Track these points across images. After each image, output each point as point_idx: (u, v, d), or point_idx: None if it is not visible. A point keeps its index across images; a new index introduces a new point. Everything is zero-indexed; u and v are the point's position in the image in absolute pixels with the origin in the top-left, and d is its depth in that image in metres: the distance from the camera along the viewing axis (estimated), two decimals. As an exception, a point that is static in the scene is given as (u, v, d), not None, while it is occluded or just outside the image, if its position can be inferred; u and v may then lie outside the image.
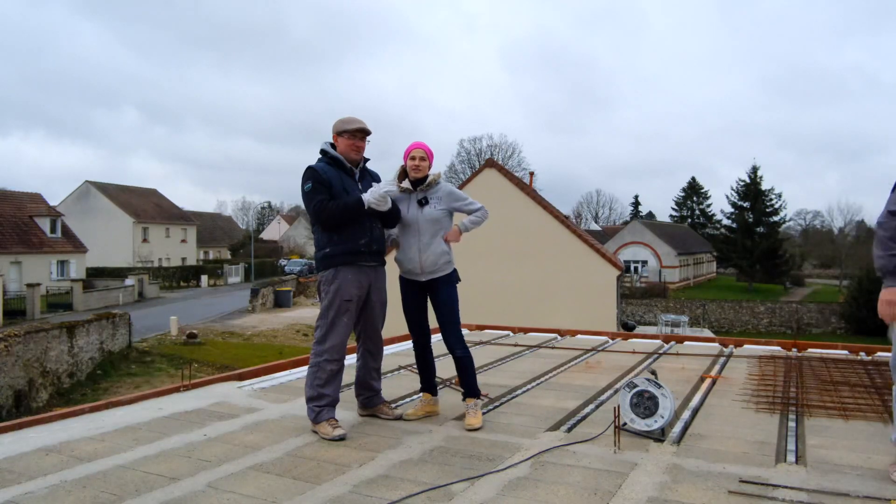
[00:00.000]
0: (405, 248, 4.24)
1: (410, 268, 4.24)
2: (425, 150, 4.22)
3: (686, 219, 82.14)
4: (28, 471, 3.32)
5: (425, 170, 4.21)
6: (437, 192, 4.23)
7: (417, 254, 4.17)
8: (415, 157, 4.18)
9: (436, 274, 4.22)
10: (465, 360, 4.20)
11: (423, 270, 4.20)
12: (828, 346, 7.46)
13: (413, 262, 4.20)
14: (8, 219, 40.26)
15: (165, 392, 5.11)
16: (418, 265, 4.19)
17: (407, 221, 4.22)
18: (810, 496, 2.94)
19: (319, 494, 3.00)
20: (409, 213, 4.21)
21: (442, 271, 4.23)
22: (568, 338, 8.24)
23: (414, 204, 4.21)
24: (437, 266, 4.20)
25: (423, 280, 4.24)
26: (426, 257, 4.17)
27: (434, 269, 4.20)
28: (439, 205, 4.20)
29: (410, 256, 4.21)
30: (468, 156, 62.54)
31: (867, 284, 37.40)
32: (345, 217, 3.99)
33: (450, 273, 4.28)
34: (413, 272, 4.25)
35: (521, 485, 3.11)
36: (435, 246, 4.17)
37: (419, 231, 4.18)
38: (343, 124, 4.15)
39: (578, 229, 23.56)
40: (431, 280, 4.23)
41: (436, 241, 4.18)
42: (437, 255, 4.18)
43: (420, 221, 4.18)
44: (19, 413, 17.02)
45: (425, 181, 4.20)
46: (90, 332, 22.08)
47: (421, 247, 4.17)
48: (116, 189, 59.83)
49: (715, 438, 3.84)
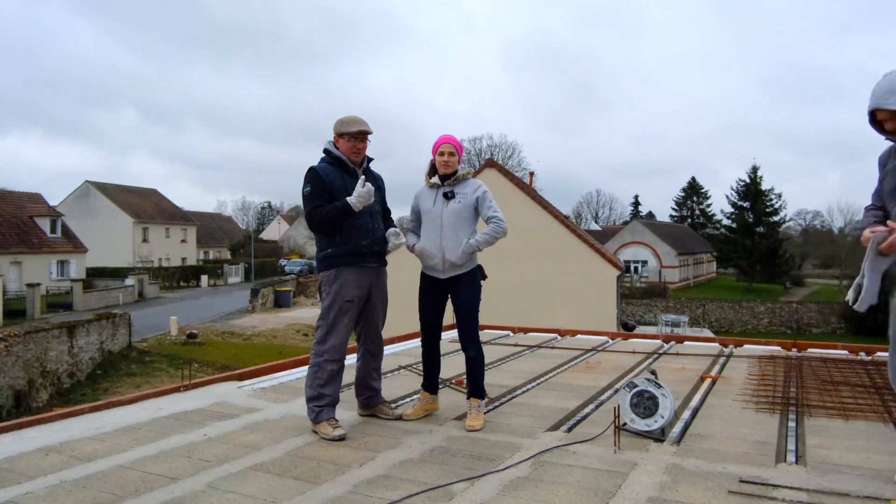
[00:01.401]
0: (428, 243, 4.18)
1: (433, 263, 4.19)
2: (454, 145, 4.18)
3: (686, 219, 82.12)
4: (28, 471, 3.32)
5: (454, 165, 4.17)
6: (465, 186, 4.20)
7: (441, 249, 4.13)
8: (443, 152, 4.15)
9: (458, 270, 4.17)
10: (477, 361, 4.20)
11: (446, 266, 4.15)
12: (828, 346, 7.46)
13: (435, 257, 4.16)
14: (8, 219, 40.24)
15: (165, 392, 5.11)
16: (440, 261, 4.15)
17: (432, 216, 4.18)
18: (810, 496, 2.94)
19: (319, 494, 3.00)
20: (435, 208, 4.17)
21: (465, 268, 4.18)
22: (568, 338, 8.25)
23: (440, 198, 4.17)
24: (460, 261, 4.14)
25: (445, 277, 4.19)
26: (449, 252, 4.12)
27: (457, 264, 4.14)
28: (464, 199, 4.15)
29: (433, 251, 4.16)
30: (468, 156, 62.55)
31: (867, 284, 37.41)
32: (334, 222, 3.99)
33: (473, 270, 4.22)
34: (435, 268, 4.19)
35: (521, 485, 3.11)
36: (457, 241, 4.11)
37: (442, 225, 4.14)
38: (343, 126, 4.12)
39: (578, 229, 23.55)
40: (454, 277, 4.19)
41: (459, 236, 4.11)
42: (460, 249, 4.10)
43: (444, 216, 4.14)
44: (19, 413, 17.02)
45: (453, 175, 4.18)
46: (90, 332, 22.09)
47: (444, 242, 4.12)
48: (116, 189, 59.80)
49: (715, 438, 3.84)
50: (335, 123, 4.19)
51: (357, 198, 3.95)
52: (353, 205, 3.95)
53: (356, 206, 3.95)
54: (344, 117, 4.17)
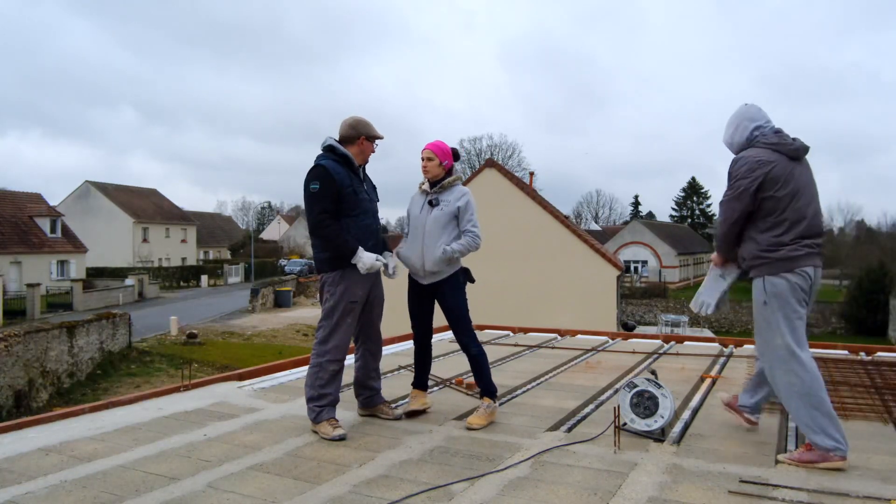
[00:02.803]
0: (409, 250, 4.22)
1: (414, 270, 4.24)
2: (432, 150, 4.17)
3: (686, 219, 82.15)
4: (28, 471, 3.32)
5: (433, 170, 4.18)
6: (450, 194, 4.19)
7: (421, 255, 4.15)
8: (422, 157, 4.19)
9: (437, 277, 4.19)
10: (479, 358, 4.22)
11: (425, 272, 4.18)
12: (828, 346, 7.45)
13: (416, 264, 4.19)
14: (8, 219, 40.25)
15: (165, 392, 5.11)
16: (420, 267, 4.18)
17: (417, 222, 4.21)
18: (810, 496, 2.94)
19: (319, 494, 3.00)
20: (420, 214, 4.20)
21: (444, 274, 4.18)
22: (568, 338, 8.25)
23: (426, 205, 4.20)
24: (439, 268, 4.15)
25: (427, 283, 4.23)
26: (427, 259, 4.14)
27: (435, 271, 4.16)
28: (446, 207, 4.15)
29: (413, 258, 4.19)
30: (468, 156, 62.58)
31: (867, 284, 37.45)
32: (330, 246, 3.97)
33: (453, 275, 4.21)
34: (416, 274, 4.24)
35: (521, 485, 3.11)
36: (436, 249, 4.11)
37: (424, 233, 4.16)
38: (367, 128, 4.11)
39: (578, 229, 23.56)
40: (435, 284, 4.21)
41: (438, 243, 4.12)
42: (436, 257, 4.11)
43: (427, 223, 4.15)
44: (19, 413, 17.02)
45: (440, 182, 4.19)
46: (90, 332, 22.09)
47: (424, 249, 4.15)
48: (116, 189, 59.81)
49: (715, 438, 3.84)
50: (361, 124, 4.12)
51: (370, 265, 3.93)
52: (361, 263, 3.92)
53: (361, 267, 3.93)
54: (362, 118, 4.15)
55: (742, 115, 3.59)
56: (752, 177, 3.39)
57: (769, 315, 3.43)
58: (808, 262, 3.39)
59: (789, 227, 3.39)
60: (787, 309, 3.39)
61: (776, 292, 3.40)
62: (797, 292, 3.40)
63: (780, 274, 3.39)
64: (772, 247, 3.41)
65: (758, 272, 3.47)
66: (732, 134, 3.60)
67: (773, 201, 3.39)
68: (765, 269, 3.44)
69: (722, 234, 3.62)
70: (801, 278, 3.39)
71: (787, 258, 3.38)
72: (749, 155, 3.46)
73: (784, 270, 3.38)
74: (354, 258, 3.93)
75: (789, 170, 3.41)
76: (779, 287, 3.39)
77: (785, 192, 3.37)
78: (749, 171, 3.40)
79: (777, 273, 3.40)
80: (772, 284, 3.41)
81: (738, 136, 3.58)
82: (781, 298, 3.39)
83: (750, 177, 3.39)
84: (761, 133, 3.51)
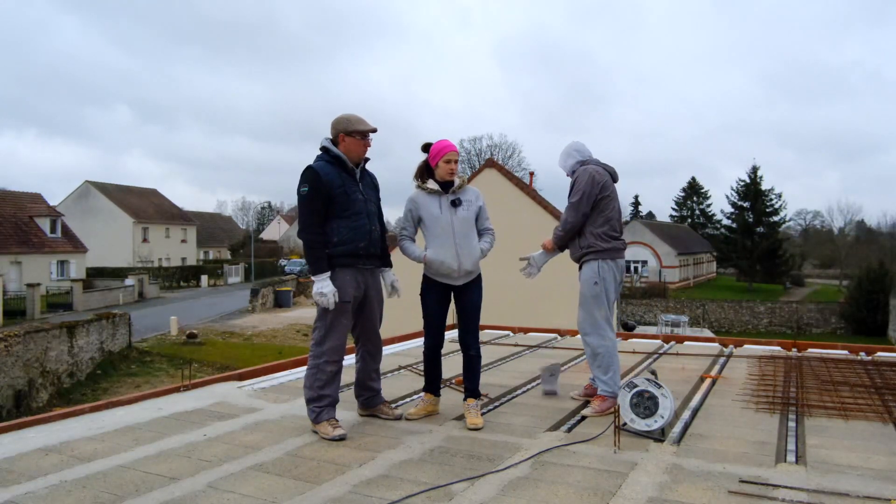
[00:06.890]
0: (441, 252, 4.16)
1: (448, 272, 4.18)
2: (457, 152, 4.22)
3: (686, 219, 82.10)
4: (28, 471, 3.32)
5: (457, 172, 4.22)
6: (467, 194, 4.24)
7: (456, 256, 4.14)
8: (451, 160, 4.15)
9: (471, 276, 4.25)
10: (476, 360, 4.26)
11: (461, 273, 4.18)
12: (828, 346, 7.45)
13: (452, 265, 4.15)
14: (8, 219, 40.25)
15: (165, 392, 5.11)
16: (457, 269, 4.16)
17: (441, 224, 4.16)
18: (810, 496, 2.94)
19: (319, 494, 3.00)
20: (443, 215, 4.17)
21: (476, 272, 4.28)
22: (568, 338, 8.24)
23: (447, 206, 4.18)
24: (476, 268, 4.25)
25: (460, 283, 4.24)
26: (465, 259, 4.15)
27: (472, 270, 4.23)
28: (470, 207, 4.20)
29: (448, 260, 4.15)
30: (468, 156, 62.55)
31: (867, 284, 37.44)
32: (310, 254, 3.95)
33: (480, 273, 4.33)
34: (450, 276, 4.20)
35: (521, 485, 3.11)
36: (473, 247, 4.18)
37: (454, 233, 4.15)
38: (352, 124, 4.04)
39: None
40: (465, 283, 4.24)
41: (472, 243, 4.18)
42: (476, 256, 4.20)
43: (455, 224, 4.16)
44: (19, 413, 17.03)
45: (455, 183, 4.21)
46: (90, 332, 22.08)
47: (459, 249, 4.14)
48: (116, 189, 59.81)
49: (715, 438, 3.84)
50: (339, 121, 4.07)
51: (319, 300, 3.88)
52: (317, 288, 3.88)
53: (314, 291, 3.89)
54: (348, 115, 4.08)
55: (572, 147, 4.67)
56: (593, 184, 4.41)
57: (599, 292, 4.43)
58: (623, 255, 4.56)
59: (615, 225, 4.49)
60: (610, 289, 4.46)
61: (604, 276, 4.43)
62: (616, 277, 4.52)
63: (608, 260, 4.44)
64: (605, 239, 4.44)
65: (594, 257, 4.45)
66: (566, 160, 4.67)
67: (607, 200, 4.45)
68: (599, 256, 4.43)
69: (568, 229, 4.54)
70: (619, 267, 4.52)
71: (615, 249, 4.47)
72: (589, 170, 4.47)
73: (611, 258, 4.45)
74: (317, 277, 3.90)
75: (612, 184, 4.54)
76: (607, 271, 4.44)
77: (611, 198, 4.48)
78: (590, 181, 4.41)
79: (606, 259, 4.44)
80: (603, 269, 4.43)
81: (570, 161, 4.64)
82: (607, 280, 4.44)
83: (593, 184, 4.41)
84: (587, 160, 4.61)
